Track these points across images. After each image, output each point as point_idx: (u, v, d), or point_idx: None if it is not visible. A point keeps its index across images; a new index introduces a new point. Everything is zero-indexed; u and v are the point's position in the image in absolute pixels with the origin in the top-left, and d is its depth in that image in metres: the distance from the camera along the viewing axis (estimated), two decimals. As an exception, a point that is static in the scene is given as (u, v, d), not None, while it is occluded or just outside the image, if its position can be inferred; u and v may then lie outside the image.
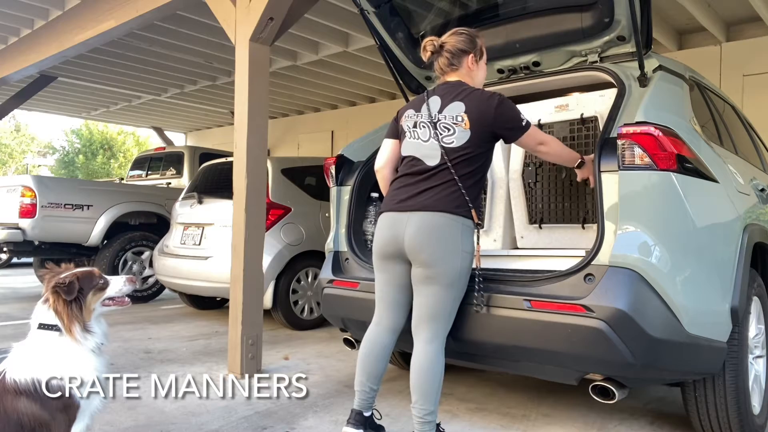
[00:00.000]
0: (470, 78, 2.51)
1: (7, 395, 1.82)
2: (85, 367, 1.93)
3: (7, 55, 7.26)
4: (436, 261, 2.31)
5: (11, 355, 1.92)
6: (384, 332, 2.53)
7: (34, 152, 34.05)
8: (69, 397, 1.88)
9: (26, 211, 6.07)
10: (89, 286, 2.01)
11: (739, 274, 2.45)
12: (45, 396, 1.84)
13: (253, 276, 3.72)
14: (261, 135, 3.78)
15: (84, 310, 1.97)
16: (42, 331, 1.94)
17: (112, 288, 2.07)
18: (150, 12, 4.90)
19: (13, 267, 10.83)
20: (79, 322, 1.94)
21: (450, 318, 2.38)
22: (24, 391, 1.83)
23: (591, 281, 2.17)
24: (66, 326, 1.92)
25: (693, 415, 2.59)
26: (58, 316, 1.93)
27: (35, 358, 1.89)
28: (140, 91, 10.00)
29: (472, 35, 2.50)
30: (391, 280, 2.49)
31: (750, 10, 6.04)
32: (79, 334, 1.93)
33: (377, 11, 3.19)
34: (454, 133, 2.36)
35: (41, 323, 1.94)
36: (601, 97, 2.68)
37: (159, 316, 5.96)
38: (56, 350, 1.91)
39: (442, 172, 2.35)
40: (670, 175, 2.23)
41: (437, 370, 2.33)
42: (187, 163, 8.44)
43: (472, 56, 2.49)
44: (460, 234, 2.32)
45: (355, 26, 6.49)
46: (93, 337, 1.97)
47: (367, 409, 2.57)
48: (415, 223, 2.34)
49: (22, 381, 1.84)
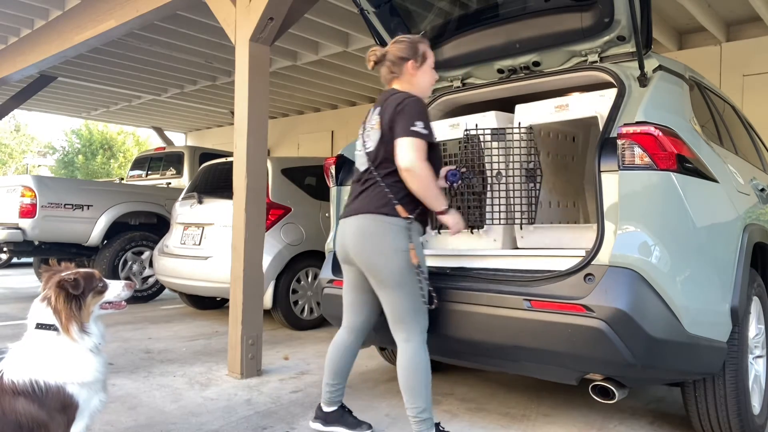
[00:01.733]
0: (411, 84, 2.52)
1: (5, 396, 1.82)
2: (83, 367, 1.93)
3: (7, 55, 7.26)
4: (372, 264, 2.38)
5: (8, 355, 1.92)
6: (344, 332, 2.69)
7: (34, 152, 34.05)
8: (67, 397, 1.88)
9: (26, 211, 6.08)
10: (89, 288, 2.02)
11: (739, 274, 2.45)
12: (43, 396, 1.83)
13: (253, 276, 3.72)
14: (261, 135, 3.78)
15: (83, 310, 1.98)
16: (40, 331, 1.93)
17: (111, 292, 2.08)
18: (150, 12, 4.91)
19: (13, 267, 10.83)
20: (77, 322, 1.95)
21: (416, 315, 2.39)
22: (22, 392, 1.82)
23: (591, 281, 2.17)
24: (63, 325, 1.92)
25: (693, 415, 2.59)
26: (57, 314, 1.92)
27: (33, 358, 1.89)
28: (140, 91, 10.00)
29: (413, 42, 2.53)
30: (347, 282, 2.64)
31: (750, 10, 6.04)
32: (77, 334, 1.93)
33: (377, 11, 3.19)
34: (371, 136, 2.47)
35: (39, 323, 1.94)
36: (601, 97, 2.68)
37: (159, 316, 5.96)
38: (54, 350, 1.91)
39: (369, 175, 2.46)
40: (670, 175, 2.23)
41: (420, 367, 2.36)
42: (187, 163, 8.45)
43: (413, 62, 2.50)
44: (388, 233, 2.35)
45: (355, 26, 6.50)
46: (90, 338, 1.98)
47: (330, 404, 2.70)
48: (350, 228, 2.47)
49: (20, 382, 1.84)
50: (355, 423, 2.70)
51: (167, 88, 9.86)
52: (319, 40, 7.21)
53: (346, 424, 2.68)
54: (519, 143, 2.88)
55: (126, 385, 3.47)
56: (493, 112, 3.02)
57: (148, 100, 10.67)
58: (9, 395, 1.82)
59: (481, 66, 3.25)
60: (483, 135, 2.96)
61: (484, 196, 2.99)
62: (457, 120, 3.12)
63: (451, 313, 2.52)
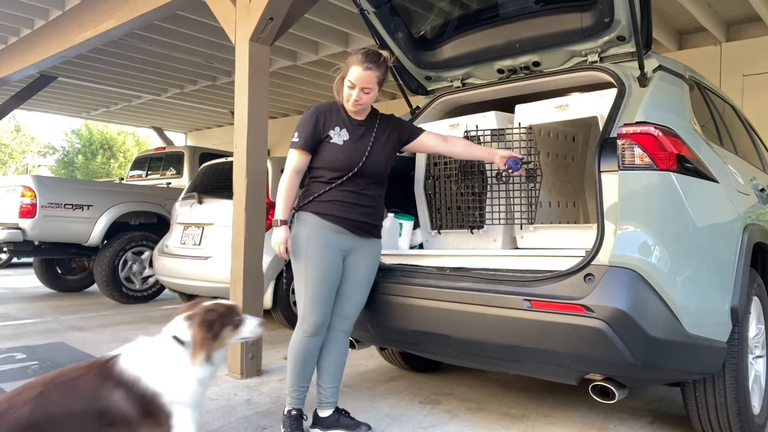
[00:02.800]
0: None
1: (108, 381, 1.86)
2: (189, 391, 1.96)
3: (7, 55, 7.26)
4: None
5: (134, 344, 2.00)
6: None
7: (34, 152, 34.06)
8: (158, 407, 1.90)
9: (26, 211, 6.08)
10: (227, 323, 2.08)
11: (739, 274, 2.45)
12: (139, 396, 1.86)
13: (253, 276, 3.72)
14: (261, 135, 3.78)
15: (216, 342, 2.04)
16: (172, 342, 2.00)
17: (247, 329, 2.14)
18: (150, 12, 4.91)
19: (13, 267, 10.83)
20: (207, 351, 2.00)
21: (302, 299, 2.57)
22: (124, 384, 1.86)
23: (591, 281, 2.17)
24: (194, 351, 1.98)
25: (693, 415, 2.59)
26: (194, 341, 1.99)
27: (153, 360, 1.95)
28: (140, 91, 10.00)
29: (350, 55, 2.68)
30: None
31: (750, 10, 6.04)
32: (200, 362, 1.99)
33: (377, 11, 3.19)
34: None
35: (175, 336, 2.01)
36: (601, 98, 2.68)
37: (159, 316, 5.96)
38: (173, 363, 1.96)
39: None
40: (670, 175, 2.23)
41: (291, 352, 2.62)
42: (187, 163, 8.45)
43: (341, 74, 2.66)
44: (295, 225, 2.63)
45: (355, 26, 6.50)
46: (208, 369, 2.03)
47: (324, 407, 2.77)
48: None
49: (127, 373, 1.88)
50: (354, 424, 2.70)
51: (167, 88, 9.86)
52: (319, 40, 7.21)
53: (344, 427, 2.68)
54: (519, 143, 2.88)
55: (126, 385, 3.47)
56: (493, 112, 3.02)
57: (148, 100, 10.67)
58: (112, 382, 1.86)
59: (481, 66, 3.25)
60: (483, 135, 2.96)
61: (483, 197, 2.99)
62: (457, 120, 3.12)
63: (451, 314, 2.52)
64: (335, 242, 2.57)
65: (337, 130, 2.59)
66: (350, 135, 2.60)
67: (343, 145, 2.58)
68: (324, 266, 2.53)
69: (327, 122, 2.59)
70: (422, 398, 3.29)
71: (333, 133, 2.58)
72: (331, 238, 2.56)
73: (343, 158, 2.57)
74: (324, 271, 2.53)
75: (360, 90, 2.54)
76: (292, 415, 2.63)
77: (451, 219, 3.17)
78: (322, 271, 2.53)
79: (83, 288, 7.82)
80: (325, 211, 2.56)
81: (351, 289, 2.65)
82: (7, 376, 3.58)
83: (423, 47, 3.39)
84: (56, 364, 3.89)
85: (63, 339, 4.64)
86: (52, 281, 7.54)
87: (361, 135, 2.63)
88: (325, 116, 2.60)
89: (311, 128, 2.57)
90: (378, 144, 2.65)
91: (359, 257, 2.65)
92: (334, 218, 2.56)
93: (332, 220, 2.56)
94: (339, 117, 2.62)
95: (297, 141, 2.57)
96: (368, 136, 2.64)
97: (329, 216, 2.56)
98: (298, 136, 2.58)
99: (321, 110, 2.61)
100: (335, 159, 2.56)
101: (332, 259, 2.56)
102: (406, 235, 3.14)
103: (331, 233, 2.56)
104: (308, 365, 2.63)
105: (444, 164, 3.16)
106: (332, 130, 2.58)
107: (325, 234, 2.55)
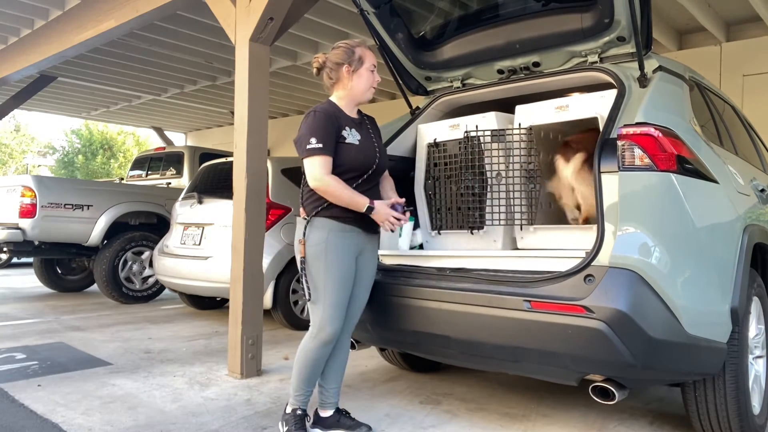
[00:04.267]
0: (346, 89, 2.61)
1: None
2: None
3: (7, 55, 7.26)
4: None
5: None
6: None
7: (34, 152, 34.04)
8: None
9: (26, 211, 6.08)
10: None
11: (739, 274, 2.45)
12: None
13: (253, 276, 3.72)
14: (261, 135, 3.78)
15: None
16: None
17: None
18: (150, 12, 4.91)
19: (13, 267, 10.84)
20: None
21: (320, 306, 2.52)
22: None
23: (591, 282, 2.17)
24: None
25: (693, 415, 2.59)
26: None
27: None
28: (140, 91, 10.01)
29: (350, 46, 2.59)
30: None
31: (750, 10, 6.05)
32: None
33: (377, 12, 3.19)
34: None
35: None
36: (601, 98, 2.68)
37: (159, 316, 5.96)
38: None
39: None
40: (669, 175, 2.23)
41: (301, 357, 2.60)
42: (187, 163, 8.45)
43: (347, 67, 2.57)
44: (300, 226, 2.60)
45: (355, 26, 6.49)
46: None
47: (325, 407, 2.78)
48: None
49: None
50: (354, 425, 2.70)
51: (167, 88, 9.87)
52: (319, 40, 7.21)
53: (345, 427, 2.68)
54: (519, 144, 2.88)
55: (126, 385, 3.47)
56: (493, 112, 3.02)
57: (148, 100, 10.67)
58: None
59: (481, 66, 3.25)
60: (483, 136, 2.96)
61: (484, 197, 2.99)
62: (457, 120, 3.12)
63: (451, 314, 2.52)
64: (352, 245, 2.55)
65: (348, 130, 2.56)
66: (359, 134, 2.60)
67: (359, 145, 2.57)
68: (344, 272, 2.51)
69: (338, 124, 2.56)
70: (422, 398, 3.30)
71: (345, 133, 2.55)
72: (348, 241, 2.54)
73: (362, 157, 2.56)
74: (343, 276, 2.51)
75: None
76: (297, 415, 2.62)
77: (452, 219, 3.17)
78: (341, 276, 2.50)
79: (83, 288, 7.82)
80: (344, 214, 2.53)
81: (358, 291, 2.64)
82: (7, 376, 3.58)
83: (423, 47, 3.39)
84: (56, 364, 3.89)
85: (63, 339, 4.64)
86: (52, 281, 7.54)
87: (364, 132, 2.64)
88: (335, 118, 2.56)
89: (331, 131, 2.49)
90: (377, 138, 2.70)
91: (366, 258, 2.65)
92: (353, 219, 2.54)
93: (351, 222, 2.54)
94: (344, 117, 2.60)
95: (321, 147, 2.44)
96: (367, 132, 2.66)
97: (348, 218, 2.53)
98: (319, 141, 2.45)
99: (329, 112, 2.56)
100: (355, 159, 2.55)
101: (350, 265, 2.54)
102: (406, 236, 3.14)
103: (348, 237, 2.54)
104: (318, 371, 2.62)
105: (444, 165, 3.16)
106: (344, 131, 2.55)
107: (343, 238, 2.53)
